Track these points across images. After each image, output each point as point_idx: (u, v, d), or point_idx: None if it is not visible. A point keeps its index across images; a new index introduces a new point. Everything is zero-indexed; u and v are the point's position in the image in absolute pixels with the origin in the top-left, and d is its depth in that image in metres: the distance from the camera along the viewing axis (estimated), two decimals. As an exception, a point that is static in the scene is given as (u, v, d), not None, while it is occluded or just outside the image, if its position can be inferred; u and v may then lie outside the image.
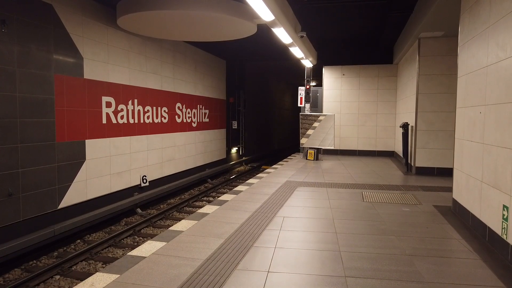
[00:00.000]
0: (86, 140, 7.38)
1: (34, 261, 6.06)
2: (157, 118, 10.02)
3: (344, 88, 13.59)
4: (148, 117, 9.59)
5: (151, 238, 5.61)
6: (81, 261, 6.13)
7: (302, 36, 9.29)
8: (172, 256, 3.62)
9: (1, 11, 5.58)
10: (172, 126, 10.86)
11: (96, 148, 7.66)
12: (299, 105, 13.13)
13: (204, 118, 13.16)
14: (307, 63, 12.52)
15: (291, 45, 9.36)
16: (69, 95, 6.91)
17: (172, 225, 5.88)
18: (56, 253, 6.42)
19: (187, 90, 11.84)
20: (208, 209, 5.47)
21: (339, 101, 13.63)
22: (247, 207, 5.60)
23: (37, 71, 6.24)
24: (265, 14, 6.58)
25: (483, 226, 4.21)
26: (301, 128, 12.29)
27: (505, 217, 3.63)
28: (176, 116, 11.12)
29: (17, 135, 5.88)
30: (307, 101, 12.82)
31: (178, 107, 11.23)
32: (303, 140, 12.26)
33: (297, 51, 10.26)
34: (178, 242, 4.00)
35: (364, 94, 13.42)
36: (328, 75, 13.70)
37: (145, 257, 3.57)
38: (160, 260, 3.52)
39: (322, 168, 10.18)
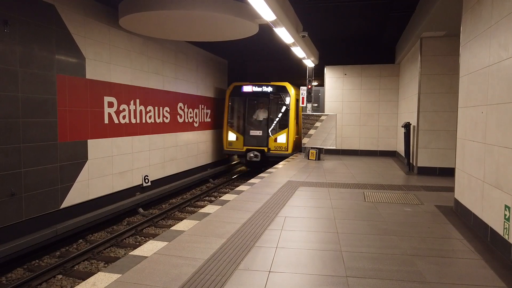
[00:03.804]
0: (88, 140, 7.40)
1: (37, 261, 6.08)
2: (159, 118, 10.04)
3: (346, 88, 13.58)
4: (150, 117, 9.61)
5: (153, 237, 5.62)
6: (83, 260, 6.15)
7: (303, 36, 9.28)
8: (174, 255, 3.63)
9: (3, 12, 5.60)
10: (174, 126, 10.87)
11: (98, 148, 7.68)
12: (301, 104, 13.13)
13: (206, 118, 13.17)
14: (309, 63, 12.52)
15: (292, 45, 9.36)
16: (71, 95, 6.93)
17: (174, 224, 5.89)
18: (58, 253, 6.44)
19: (189, 90, 11.85)
20: (209, 209, 5.47)
21: (341, 100, 13.62)
22: (248, 207, 5.61)
23: (39, 71, 6.26)
24: (267, 14, 6.59)
25: (485, 226, 4.21)
26: (303, 128, 12.28)
27: (507, 217, 3.62)
28: (178, 116, 11.13)
29: (19, 135, 5.90)
30: (309, 101, 12.82)
31: (180, 107, 11.24)
32: (304, 140, 12.25)
33: (298, 51, 10.26)
34: (179, 242, 4.01)
35: (366, 94, 13.41)
36: (330, 75, 13.69)
37: (146, 257, 3.57)
38: (161, 259, 3.53)
39: (324, 168, 10.17)
